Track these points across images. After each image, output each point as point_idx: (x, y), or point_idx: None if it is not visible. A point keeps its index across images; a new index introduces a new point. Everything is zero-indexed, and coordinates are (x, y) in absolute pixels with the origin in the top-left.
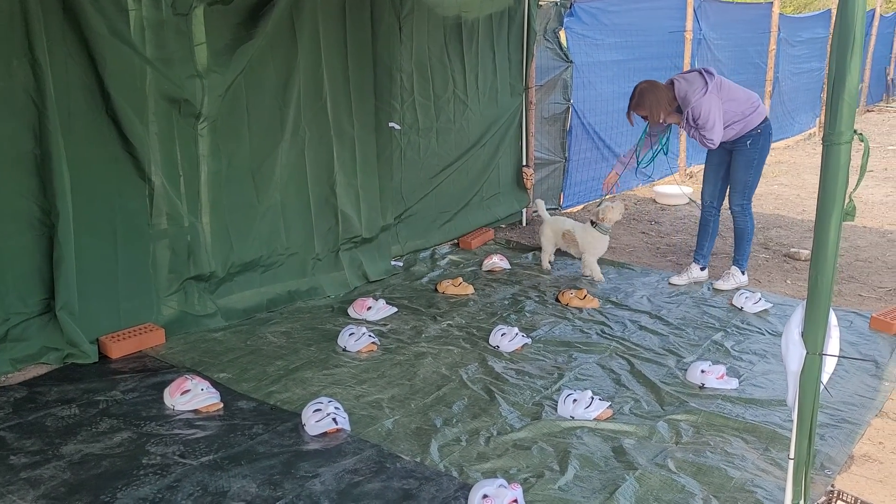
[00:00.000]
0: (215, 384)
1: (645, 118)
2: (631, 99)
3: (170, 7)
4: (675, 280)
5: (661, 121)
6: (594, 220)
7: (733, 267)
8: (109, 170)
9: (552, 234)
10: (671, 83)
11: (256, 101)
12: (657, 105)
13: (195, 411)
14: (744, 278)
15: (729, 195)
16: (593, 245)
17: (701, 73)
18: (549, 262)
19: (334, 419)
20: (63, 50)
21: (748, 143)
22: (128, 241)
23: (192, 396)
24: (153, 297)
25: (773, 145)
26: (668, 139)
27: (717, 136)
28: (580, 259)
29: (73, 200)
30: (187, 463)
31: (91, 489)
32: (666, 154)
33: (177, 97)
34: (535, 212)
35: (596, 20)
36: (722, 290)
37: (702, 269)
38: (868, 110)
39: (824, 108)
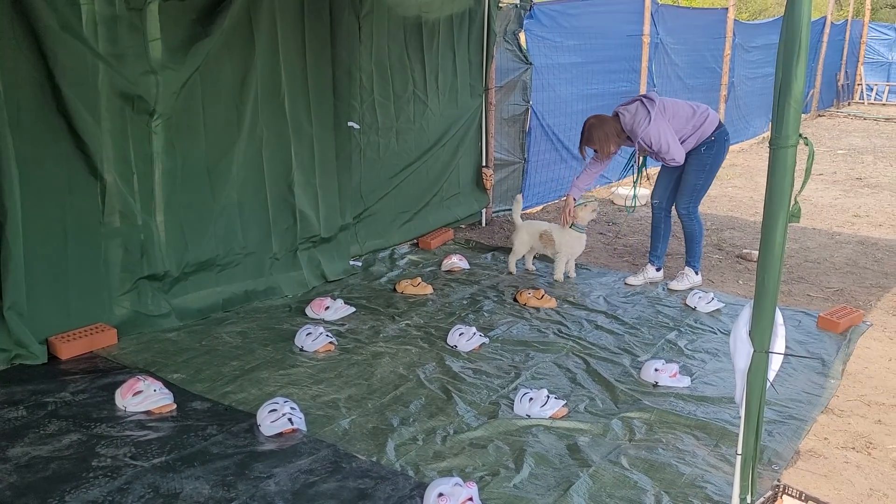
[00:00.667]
0: (169, 385)
1: (597, 151)
2: (581, 134)
3: (123, 2)
4: (630, 280)
5: (612, 153)
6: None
7: (687, 268)
8: (60, 167)
9: (528, 237)
10: (617, 116)
11: (213, 98)
12: (605, 140)
13: (147, 412)
14: (697, 279)
15: (676, 197)
16: (571, 245)
17: (642, 101)
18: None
19: (290, 419)
20: (12, 44)
21: (703, 149)
22: (79, 240)
23: (144, 397)
24: (105, 296)
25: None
26: (641, 170)
27: (678, 154)
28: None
29: (22, 198)
30: (138, 465)
31: (38, 492)
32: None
33: (130, 94)
34: (495, 212)
35: (555, 22)
36: (676, 291)
37: (657, 269)
38: (819, 115)
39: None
